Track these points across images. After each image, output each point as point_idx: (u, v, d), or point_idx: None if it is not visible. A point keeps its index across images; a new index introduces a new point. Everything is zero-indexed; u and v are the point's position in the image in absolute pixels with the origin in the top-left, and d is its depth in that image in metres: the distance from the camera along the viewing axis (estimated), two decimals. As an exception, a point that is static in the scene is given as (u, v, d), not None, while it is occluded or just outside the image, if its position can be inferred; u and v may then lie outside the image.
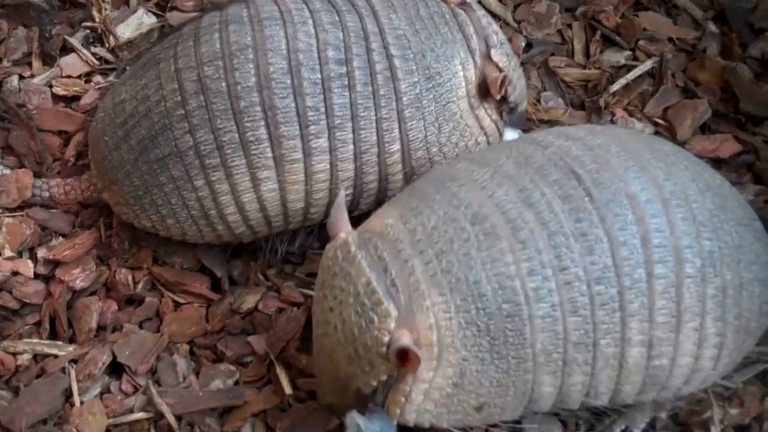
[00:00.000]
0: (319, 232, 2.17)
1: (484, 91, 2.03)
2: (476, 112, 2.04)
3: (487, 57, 2.03)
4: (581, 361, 1.56)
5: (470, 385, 1.56)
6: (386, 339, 1.52)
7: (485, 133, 2.07)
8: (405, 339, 1.50)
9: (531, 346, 1.53)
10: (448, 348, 1.53)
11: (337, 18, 1.96)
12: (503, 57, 2.04)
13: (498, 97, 2.02)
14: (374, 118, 1.94)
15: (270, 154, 1.91)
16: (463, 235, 1.56)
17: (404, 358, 1.51)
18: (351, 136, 1.93)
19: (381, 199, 2.02)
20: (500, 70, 2.02)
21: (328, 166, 1.95)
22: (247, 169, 1.92)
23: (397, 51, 1.95)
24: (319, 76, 1.91)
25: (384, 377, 1.56)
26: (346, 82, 1.92)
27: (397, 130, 1.96)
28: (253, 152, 1.91)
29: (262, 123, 1.89)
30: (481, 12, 2.10)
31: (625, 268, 1.55)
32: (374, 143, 1.96)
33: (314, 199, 1.99)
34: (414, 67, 1.96)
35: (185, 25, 2.12)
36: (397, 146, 1.98)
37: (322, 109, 1.91)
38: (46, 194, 2.24)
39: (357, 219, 1.79)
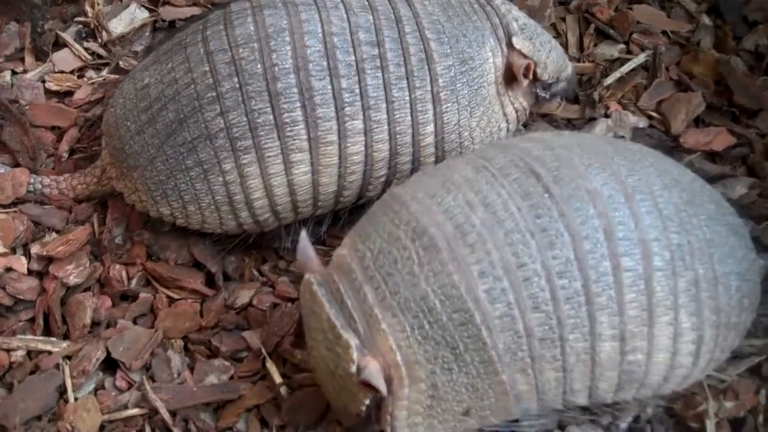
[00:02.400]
0: (314, 227, 2.18)
1: (509, 78, 2.09)
2: (501, 98, 2.11)
3: (510, 45, 2.08)
4: (549, 357, 1.56)
5: (447, 394, 1.57)
6: (353, 369, 1.56)
7: (507, 120, 2.13)
8: (370, 367, 1.54)
9: (493, 348, 1.53)
10: (414, 365, 1.56)
11: (366, 2, 2.01)
12: (526, 42, 2.10)
13: (526, 83, 2.09)
14: (408, 99, 1.98)
15: (305, 136, 1.94)
16: (405, 254, 1.58)
17: (371, 386, 1.55)
18: (385, 116, 1.97)
19: None
20: (525, 56, 2.08)
21: (363, 148, 1.98)
22: (281, 151, 1.94)
23: (433, 34, 2.01)
24: (353, 58, 1.95)
25: (367, 401, 1.60)
26: (379, 64, 1.96)
27: (431, 112, 2.01)
28: (288, 134, 1.93)
29: (299, 104, 1.92)
30: (499, 1, 2.14)
31: (590, 261, 1.55)
32: (409, 124, 2.00)
33: (347, 182, 2.02)
34: (449, 50, 2.01)
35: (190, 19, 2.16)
36: (431, 128, 2.02)
37: (357, 91, 1.95)
38: (56, 192, 2.24)
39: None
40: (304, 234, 1.75)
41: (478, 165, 1.67)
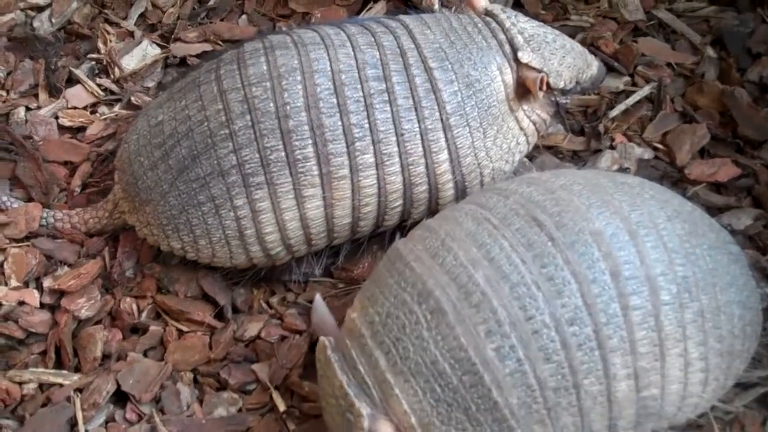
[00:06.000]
0: (317, 260, 2.20)
1: (523, 92, 2.10)
2: (516, 114, 2.11)
3: (518, 60, 2.08)
4: (565, 404, 1.56)
5: None
6: None
7: (525, 134, 2.14)
8: (381, 430, 1.56)
9: (506, 407, 1.53)
10: (429, 426, 1.56)
11: (372, 39, 2.05)
12: (533, 55, 2.08)
13: (541, 96, 2.09)
14: (418, 129, 2.00)
15: (316, 172, 1.97)
16: (412, 318, 1.59)
17: None
18: (396, 149, 2.00)
19: (433, 209, 2.08)
20: (535, 69, 2.08)
21: (376, 181, 2.01)
22: (293, 187, 1.97)
23: (435, 63, 2.02)
24: (360, 94, 1.98)
25: None
26: (387, 98, 1.99)
27: (443, 140, 2.02)
28: (300, 170, 1.96)
29: (310, 141, 1.95)
30: (504, 15, 2.14)
31: (599, 305, 1.55)
32: (421, 154, 2.02)
33: (362, 213, 2.05)
34: (453, 76, 2.03)
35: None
36: (445, 155, 2.03)
37: (366, 125, 1.97)
38: (68, 226, 2.27)
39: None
40: (318, 296, 1.77)
41: (479, 216, 1.67)
